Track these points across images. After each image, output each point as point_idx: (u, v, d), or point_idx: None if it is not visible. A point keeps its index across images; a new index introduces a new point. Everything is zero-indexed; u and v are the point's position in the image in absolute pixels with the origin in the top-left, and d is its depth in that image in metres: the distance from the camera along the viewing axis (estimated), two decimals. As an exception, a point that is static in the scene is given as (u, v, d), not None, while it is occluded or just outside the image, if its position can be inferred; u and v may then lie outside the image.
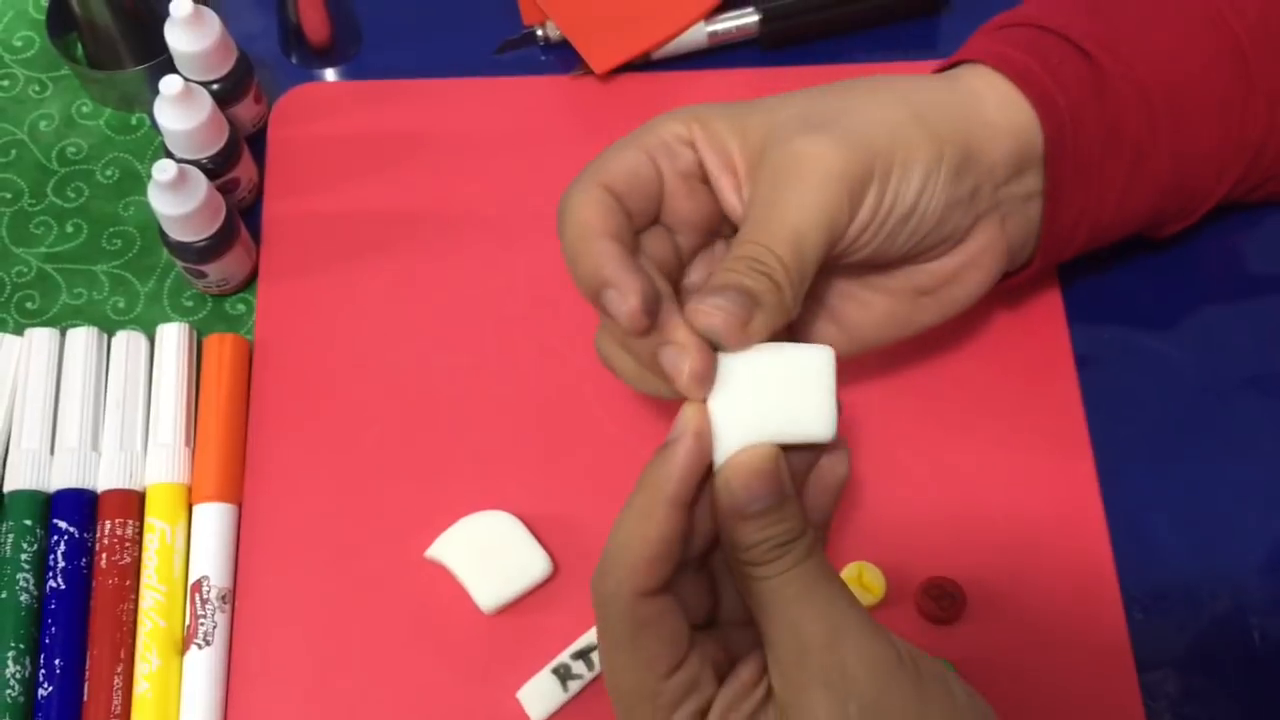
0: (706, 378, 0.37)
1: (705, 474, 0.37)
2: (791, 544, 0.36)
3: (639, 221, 0.43)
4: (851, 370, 0.53)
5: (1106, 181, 0.47)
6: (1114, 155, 0.47)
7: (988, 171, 0.45)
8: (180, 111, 0.52)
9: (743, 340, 0.37)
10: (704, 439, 0.36)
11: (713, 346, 0.38)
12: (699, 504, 0.37)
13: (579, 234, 0.41)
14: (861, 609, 0.36)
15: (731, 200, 0.43)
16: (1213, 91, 0.48)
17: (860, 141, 0.42)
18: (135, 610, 0.50)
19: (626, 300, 0.38)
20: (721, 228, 0.45)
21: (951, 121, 0.44)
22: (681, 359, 0.37)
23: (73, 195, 0.59)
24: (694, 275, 0.45)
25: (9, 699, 0.48)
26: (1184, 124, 0.47)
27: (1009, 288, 0.50)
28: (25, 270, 0.57)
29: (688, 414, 0.37)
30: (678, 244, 0.44)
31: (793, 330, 0.46)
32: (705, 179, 0.44)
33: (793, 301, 0.39)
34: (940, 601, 0.48)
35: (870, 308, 0.47)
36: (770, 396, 0.37)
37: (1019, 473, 0.52)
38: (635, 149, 0.43)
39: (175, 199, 0.50)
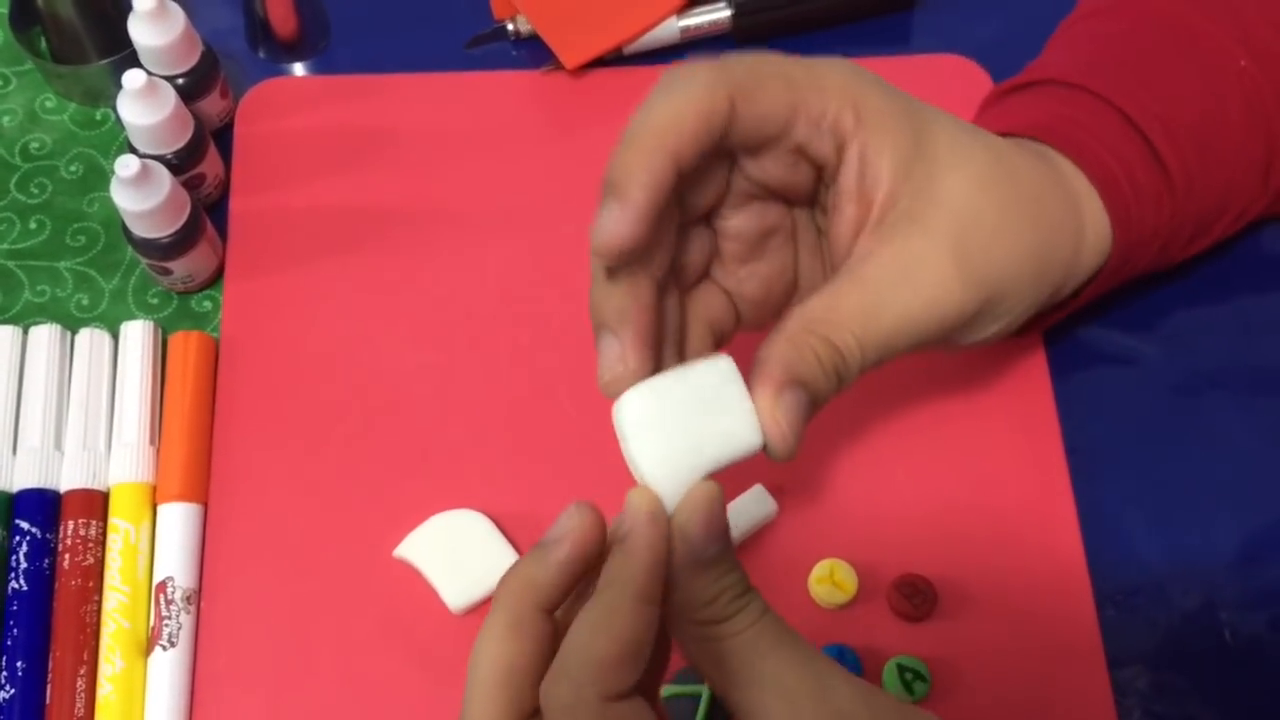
0: (618, 390, 0.35)
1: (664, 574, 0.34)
2: (748, 594, 0.34)
3: (738, 143, 0.38)
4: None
5: (1139, 263, 0.48)
6: (1149, 252, 0.48)
7: (1063, 293, 0.46)
8: (144, 106, 0.51)
9: (787, 453, 0.36)
10: (659, 521, 0.33)
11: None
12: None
13: (658, 123, 0.35)
14: (830, 659, 0.35)
15: (844, 233, 0.40)
16: (1240, 192, 0.49)
17: (988, 284, 0.41)
18: (99, 612, 0.49)
19: (621, 225, 0.35)
20: (788, 192, 0.41)
21: (1064, 261, 0.44)
22: (614, 365, 0.36)
23: (36, 191, 0.58)
24: (734, 220, 0.41)
25: (-31, 702, 0.47)
26: (1208, 204, 0.48)
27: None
28: (-13, 267, 0.56)
29: (635, 500, 0.34)
30: (729, 179, 0.40)
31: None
32: (810, 161, 0.40)
33: (848, 384, 0.38)
34: (912, 599, 0.48)
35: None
36: (692, 425, 0.35)
37: (991, 470, 0.51)
38: (783, 84, 0.37)
39: (138, 194, 0.50)
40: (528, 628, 0.33)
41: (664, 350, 0.40)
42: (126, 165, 0.49)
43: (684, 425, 0.35)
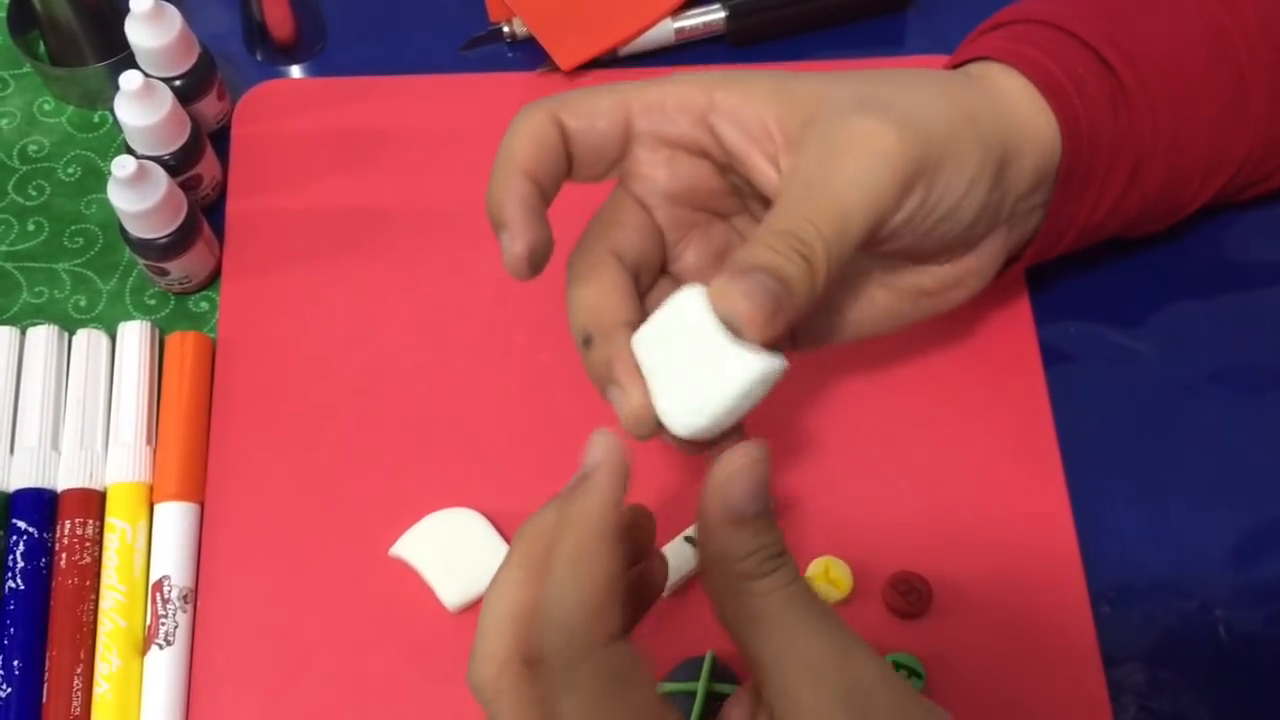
0: (645, 420, 0.37)
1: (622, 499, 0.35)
2: (783, 556, 0.35)
3: (581, 173, 0.42)
4: (818, 366, 0.53)
5: (1105, 192, 0.47)
6: (1118, 168, 0.47)
7: (1014, 183, 0.44)
8: (140, 107, 0.52)
9: (763, 336, 0.36)
10: (612, 463, 0.35)
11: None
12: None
13: (504, 159, 0.40)
14: (857, 634, 0.35)
15: (764, 171, 0.41)
16: (1211, 111, 0.48)
17: (920, 131, 0.40)
18: (95, 611, 0.49)
19: (514, 244, 0.39)
20: (714, 203, 0.44)
21: (998, 127, 0.43)
22: (624, 401, 0.37)
23: (34, 193, 0.58)
24: (689, 257, 0.44)
25: (-34, 701, 0.47)
26: (1181, 136, 0.47)
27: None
28: (-15, 269, 0.57)
29: (594, 440, 0.35)
30: (656, 221, 0.43)
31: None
32: (699, 152, 0.42)
33: (823, 285, 0.38)
34: (907, 596, 0.48)
35: (872, 303, 0.46)
36: (697, 362, 0.36)
37: (986, 467, 0.52)
38: (614, 98, 0.41)
39: (135, 195, 0.50)
40: (540, 572, 0.34)
41: None
42: (123, 166, 0.49)
43: (688, 361, 0.36)
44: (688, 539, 0.48)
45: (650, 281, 0.43)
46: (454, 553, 0.49)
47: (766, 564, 0.34)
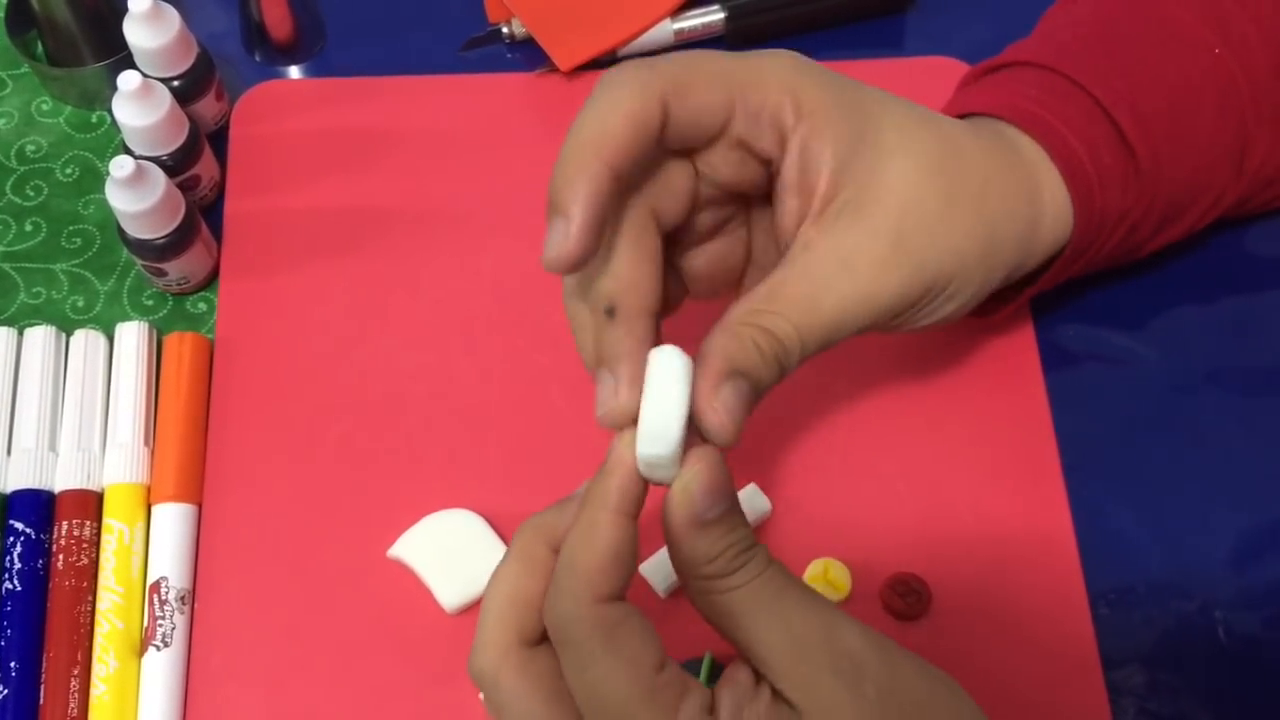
0: (621, 419, 0.37)
1: (642, 493, 0.36)
2: (752, 549, 0.35)
3: (675, 143, 0.38)
4: (818, 368, 0.53)
5: (1100, 253, 0.48)
6: (1115, 234, 0.48)
7: (1020, 267, 0.46)
8: (139, 107, 0.51)
9: (727, 441, 0.36)
10: (630, 450, 0.35)
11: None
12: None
13: (590, 135, 0.36)
14: (837, 607, 0.36)
15: (788, 225, 0.41)
16: (1212, 178, 0.49)
17: (928, 271, 0.41)
18: (92, 612, 0.49)
19: (568, 241, 0.35)
20: (747, 194, 0.42)
21: (1016, 245, 0.44)
22: (612, 394, 0.37)
23: (31, 194, 0.58)
24: (700, 261, 0.43)
25: (-37, 703, 0.47)
26: (1179, 199, 0.48)
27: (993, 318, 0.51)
28: (-17, 269, 0.57)
29: (618, 438, 0.36)
30: (701, 200, 0.41)
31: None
32: (765, 161, 0.40)
33: (794, 368, 0.39)
34: (906, 598, 0.48)
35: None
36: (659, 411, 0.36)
37: (985, 469, 0.51)
38: (723, 94, 0.38)
39: (133, 195, 0.50)
40: (539, 564, 0.36)
41: None
42: (121, 166, 0.49)
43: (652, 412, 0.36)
44: None
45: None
46: (452, 554, 0.49)
47: (736, 560, 0.35)
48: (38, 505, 0.50)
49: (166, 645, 0.48)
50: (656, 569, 0.48)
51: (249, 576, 0.50)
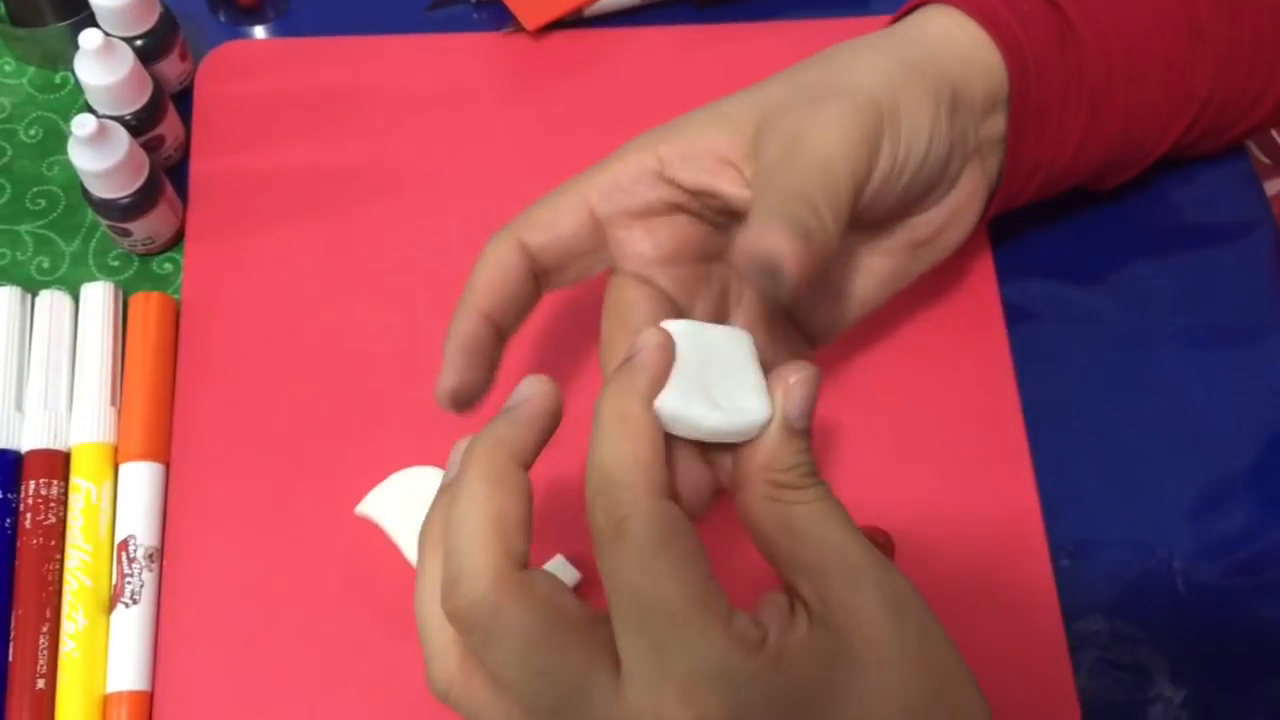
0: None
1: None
2: (818, 476, 0.35)
3: (563, 277, 0.44)
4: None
5: (1065, 131, 0.47)
6: (1073, 105, 0.47)
7: (969, 110, 0.45)
8: (100, 66, 0.51)
9: (803, 266, 0.36)
10: (667, 350, 0.35)
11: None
12: None
13: (466, 295, 0.43)
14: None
15: (734, 190, 0.42)
16: (1165, 46, 0.48)
17: (864, 98, 0.41)
18: (60, 570, 0.49)
19: (441, 382, 0.43)
20: (705, 249, 0.44)
21: (937, 64, 0.44)
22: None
23: (-5, 155, 0.58)
24: (699, 311, 0.44)
25: (-69, 661, 0.47)
26: (1136, 77, 0.48)
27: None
28: (-53, 231, 0.56)
29: (650, 331, 0.35)
30: (662, 289, 0.43)
31: (795, 315, 0.46)
32: (673, 208, 0.43)
33: (834, 238, 0.38)
34: (869, 551, 0.49)
35: (871, 273, 0.47)
36: (710, 380, 0.36)
37: (947, 423, 0.52)
38: (571, 197, 0.43)
39: (95, 154, 0.50)
40: (510, 480, 0.34)
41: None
42: (83, 124, 0.49)
43: (703, 378, 0.36)
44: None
45: None
46: (420, 511, 0.48)
47: (809, 477, 0.35)
48: (5, 465, 0.50)
49: (135, 602, 0.48)
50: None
51: (217, 534, 0.50)
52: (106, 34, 0.51)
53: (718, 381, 0.36)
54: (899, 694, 0.33)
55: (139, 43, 0.55)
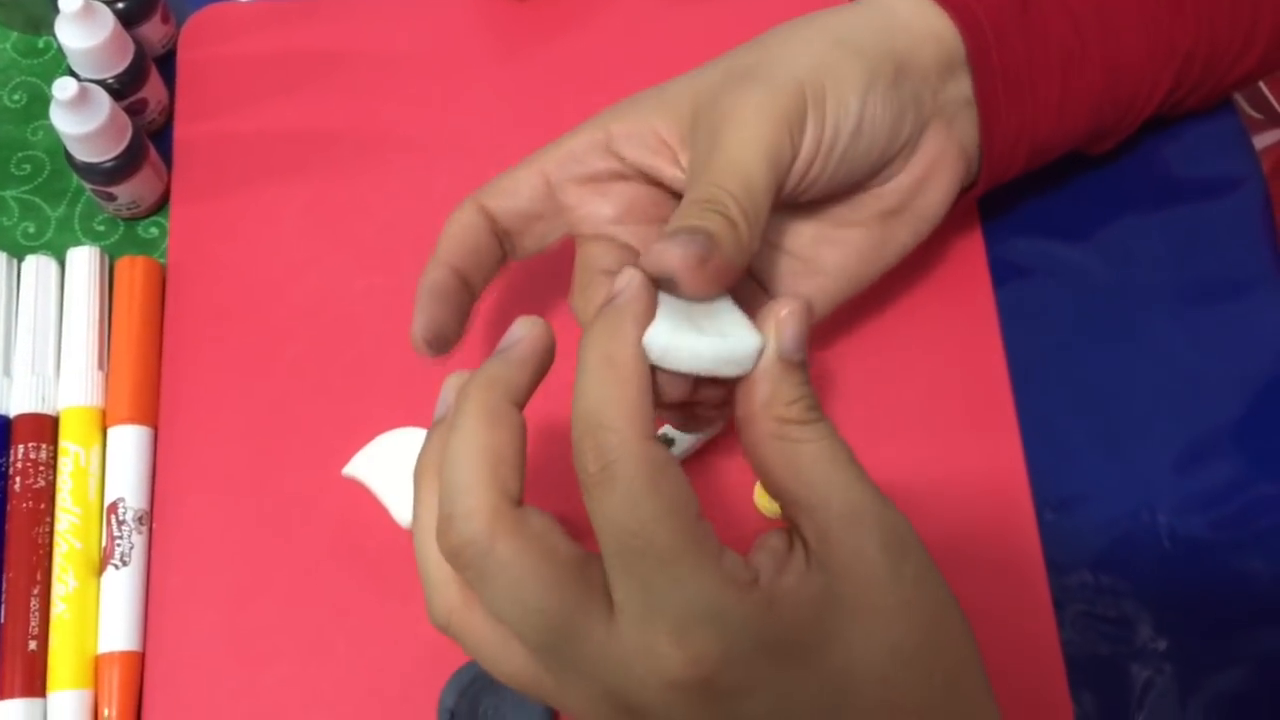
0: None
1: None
2: (819, 411, 0.35)
3: (526, 242, 0.46)
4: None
5: (1040, 98, 0.47)
6: (1044, 70, 0.47)
7: (921, 76, 0.45)
8: (81, 29, 0.51)
9: (701, 281, 0.36)
10: (649, 289, 0.35)
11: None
12: None
13: (435, 252, 0.45)
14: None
15: (672, 172, 0.43)
16: (1139, 1, 0.48)
17: (786, 79, 0.42)
18: (51, 533, 0.49)
19: (414, 324, 0.44)
20: (663, 209, 0.45)
21: (873, 36, 0.44)
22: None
23: (-21, 121, 0.58)
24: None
25: (-76, 623, 0.47)
26: (1112, 35, 0.47)
27: (961, 206, 0.50)
28: (-68, 197, 0.56)
29: (629, 272, 0.35)
30: (626, 244, 0.44)
31: (771, 289, 0.46)
32: (621, 177, 0.44)
33: (749, 238, 0.38)
34: (854, 507, 0.49)
35: (846, 245, 0.47)
36: (698, 322, 0.36)
37: (933, 381, 0.52)
38: (529, 168, 0.45)
39: (77, 118, 0.50)
40: (504, 418, 0.34)
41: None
42: (64, 87, 0.49)
43: (688, 315, 0.36)
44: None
45: None
46: (407, 471, 0.49)
47: (809, 413, 0.35)
48: (-7, 429, 0.51)
49: (125, 564, 0.49)
50: None
51: (206, 497, 0.51)
52: (87, -4, 0.51)
53: (703, 319, 0.36)
54: (890, 636, 0.33)
55: (120, 5, 0.54)
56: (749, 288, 0.47)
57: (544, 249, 0.46)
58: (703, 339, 0.35)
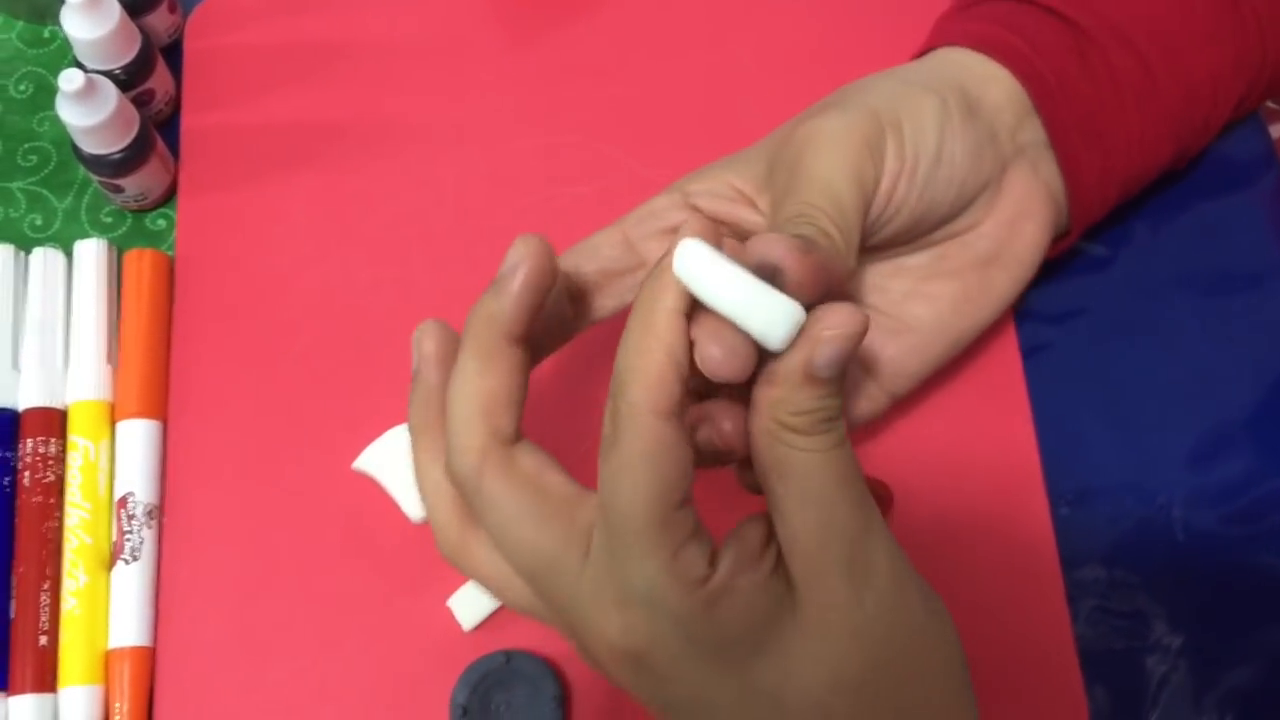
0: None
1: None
2: (835, 421, 0.34)
3: (603, 300, 0.43)
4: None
5: (1119, 137, 0.47)
6: (1118, 110, 0.46)
7: (995, 112, 0.45)
8: (87, 20, 0.51)
9: (808, 268, 0.33)
10: (700, 250, 0.33)
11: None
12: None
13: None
14: (881, 517, 0.35)
15: (754, 219, 0.43)
16: (1196, 19, 0.47)
17: (861, 107, 0.42)
18: (60, 528, 0.49)
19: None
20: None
21: (944, 75, 0.44)
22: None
23: (-15, 112, 0.57)
24: None
25: (-66, 618, 0.47)
26: (1179, 59, 0.47)
27: (1056, 254, 0.49)
28: (-61, 189, 0.56)
29: (684, 235, 0.33)
30: None
31: (864, 354, 0.46)
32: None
33: (846, 248, 0.38)
34: (867, 501, 0.49)
35: (938, 299, 0.46)
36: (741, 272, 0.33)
37: (947, 373, 0.51)
38: (608, 230, 0.44)
39: (84, 110, 0.49)
40: (498, 359, 0.36)
41: None
42: (70, 79, 0.48)
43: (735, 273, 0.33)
44: None
45: None
46: None
47: (820, 425, 0.34)
48: (2, 423, 0.50)
49: (136, 559, 0.49)
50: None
51: (216, 491, 0.50)
52: (93, -14, 0.50)
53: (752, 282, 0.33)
54: (834, 661, 0.33)
55: (126, -5, 0.54)
56: None
57: (625, 306, 0.44)
58: (742, 272, 0.32)
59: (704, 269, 0.32)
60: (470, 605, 0.48)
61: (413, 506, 0.49)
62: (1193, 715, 0.47)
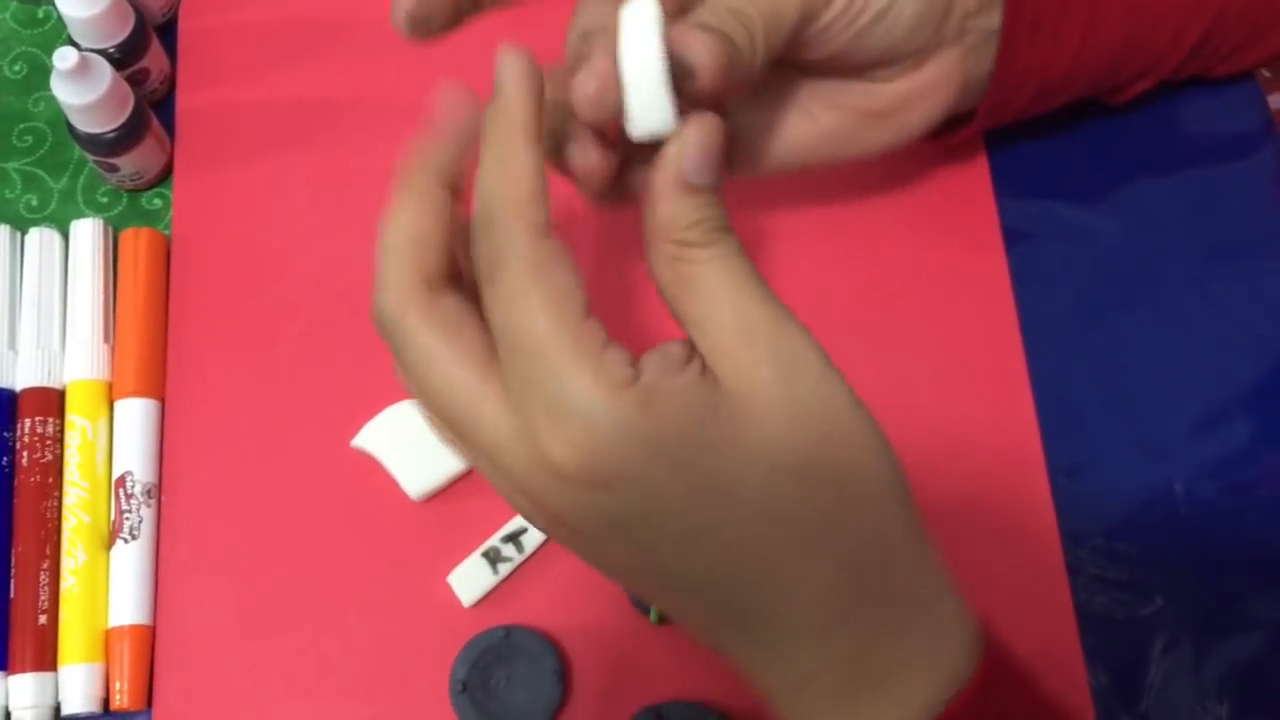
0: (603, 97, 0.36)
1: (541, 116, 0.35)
2: (726, 230, 0.34)
3: None
4: (778, 242, 0.53)
5: (1061, 38, 0.46)
6: (1070, 12, 0.46)
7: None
8: (81, -2, 0.50)
9: (719, 81, 0.36)
10: (532, 74, 0.35)
11: None
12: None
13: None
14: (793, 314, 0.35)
15: None
16: None
17: None
18: (59, 507, 0.49)
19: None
20: None
21: None
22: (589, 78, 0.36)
23: (-20, 92, 0.57)
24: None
25: (-66, 598, 0.47)
26: None
27: (950, 143, 0.50)
28: (-66, 170, 0.56)
29: (508, 58, 0.35)
30: None
31: (732, 132, 0.45)
32: None
33: (762, 62, 0.39)
34: (866, 474, 0.49)
35: (816, 121, 0.46)
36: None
37: (946, 345, 0.52)
38: None
39: (78, 88, 0.49)
40: (436, 203, 0.35)
41: None
42: (65, 57, 0.48)
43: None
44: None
45: None
46: (415, 443, 0.49)
47: (711, 234, 0.34)
48: (0, 403, 0.50)
49: (134, 538, 0.49)
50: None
51: (214, 469, 0.50)
52: (86, -35, 0.50)
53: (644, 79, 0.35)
54: (772, 446, 0.33)
55: (120, -26, 0.54)
56: None
57: None
58: (659, 57, 0.34)
59: (635, 32, 0.34)
60: (470, 581, 0.48)
61: (411, 484, 0.49)
62: (1192, 685, 0.47)
